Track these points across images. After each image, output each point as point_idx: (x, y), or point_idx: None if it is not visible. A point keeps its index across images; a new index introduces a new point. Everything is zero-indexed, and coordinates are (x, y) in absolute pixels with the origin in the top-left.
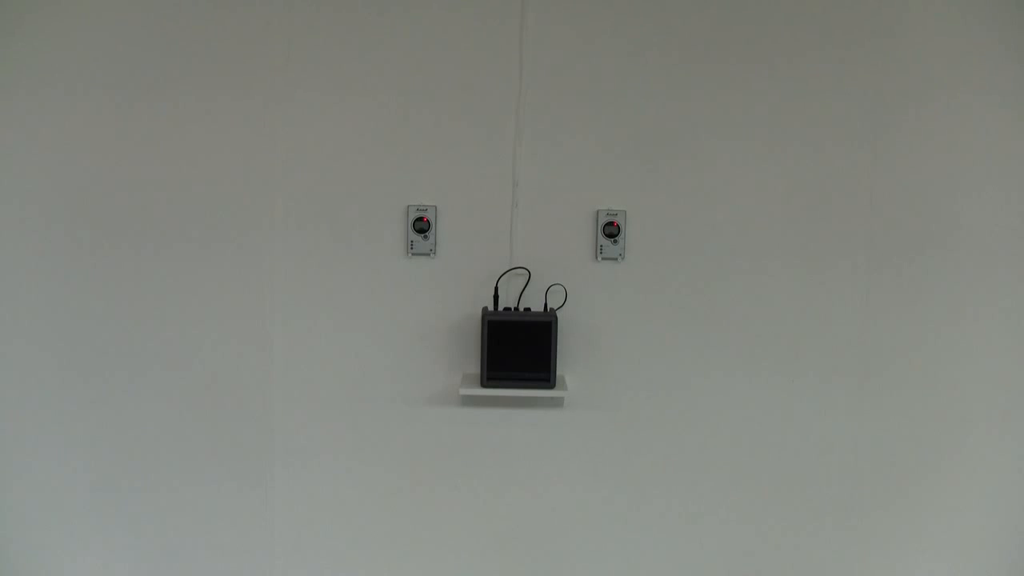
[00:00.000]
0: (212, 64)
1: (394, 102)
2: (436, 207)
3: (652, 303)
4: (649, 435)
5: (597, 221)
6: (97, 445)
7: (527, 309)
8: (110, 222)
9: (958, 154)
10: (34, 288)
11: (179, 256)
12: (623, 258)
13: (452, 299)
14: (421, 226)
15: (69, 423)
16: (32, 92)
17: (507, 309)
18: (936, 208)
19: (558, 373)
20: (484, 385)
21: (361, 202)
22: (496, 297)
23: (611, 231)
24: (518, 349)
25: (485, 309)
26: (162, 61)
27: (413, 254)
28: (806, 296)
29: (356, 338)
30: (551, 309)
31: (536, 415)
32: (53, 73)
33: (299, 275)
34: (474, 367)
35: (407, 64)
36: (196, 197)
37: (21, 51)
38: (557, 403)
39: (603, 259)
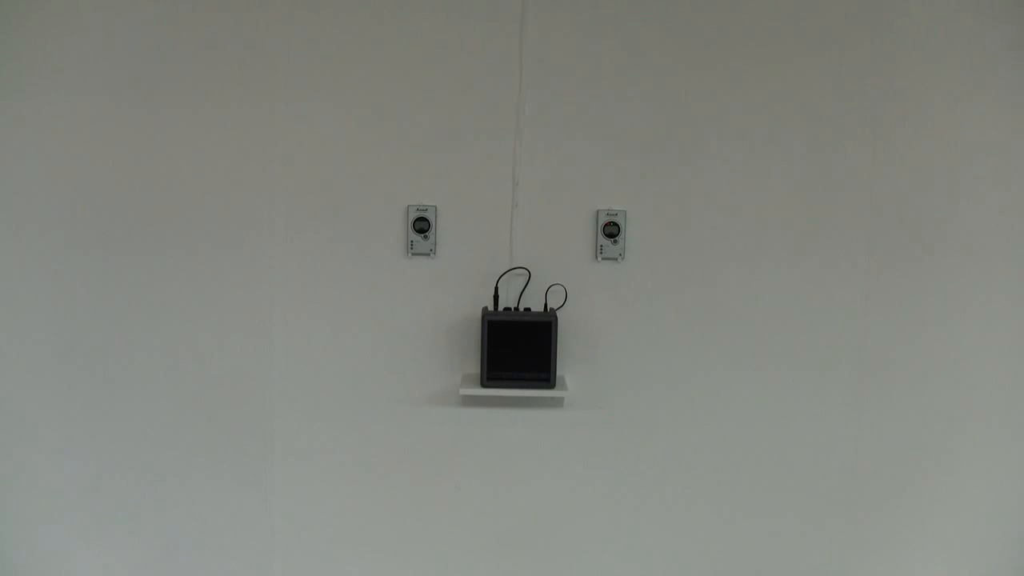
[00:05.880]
0: (212, 65)
1: (394, 102)
2: (436, 207)
3: (652, 303)
4: (649, 435)
5: (597, 221)
6: (97, 445)
7: (527, 309)
8: (110, 222)
9: (958, 154)
10: (35, 289)
11: (179, 256)
12: (623, 258)
13: (452, 299)
14: (421, 226)
15: (69, 423)
16: (33, 94)
17: (507, 309)
18: (936, 208)
19: (558, 373)
20: (484, 385)
21: (361, 202)
22: (496, 297)
23: (611, 231)
24: (518, 349)
25: (485, 309)
26: (161, 62)
27: (413, 254)
28: (806, 296)
29: (356, 338)
30: (551, 309)
31: (536, 415)
32: (53, 75)
33: (299, 275)
34: (474, 367)
35: (407, 64)
36: (196, 197)
37: (22, 53)
38: (557, 403)
39: (603, 259)
